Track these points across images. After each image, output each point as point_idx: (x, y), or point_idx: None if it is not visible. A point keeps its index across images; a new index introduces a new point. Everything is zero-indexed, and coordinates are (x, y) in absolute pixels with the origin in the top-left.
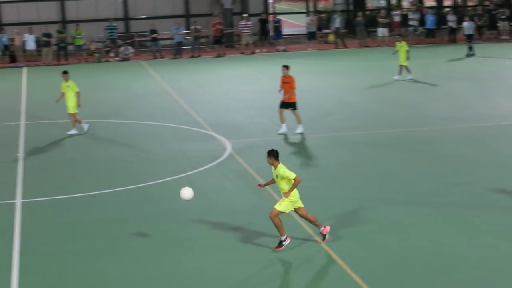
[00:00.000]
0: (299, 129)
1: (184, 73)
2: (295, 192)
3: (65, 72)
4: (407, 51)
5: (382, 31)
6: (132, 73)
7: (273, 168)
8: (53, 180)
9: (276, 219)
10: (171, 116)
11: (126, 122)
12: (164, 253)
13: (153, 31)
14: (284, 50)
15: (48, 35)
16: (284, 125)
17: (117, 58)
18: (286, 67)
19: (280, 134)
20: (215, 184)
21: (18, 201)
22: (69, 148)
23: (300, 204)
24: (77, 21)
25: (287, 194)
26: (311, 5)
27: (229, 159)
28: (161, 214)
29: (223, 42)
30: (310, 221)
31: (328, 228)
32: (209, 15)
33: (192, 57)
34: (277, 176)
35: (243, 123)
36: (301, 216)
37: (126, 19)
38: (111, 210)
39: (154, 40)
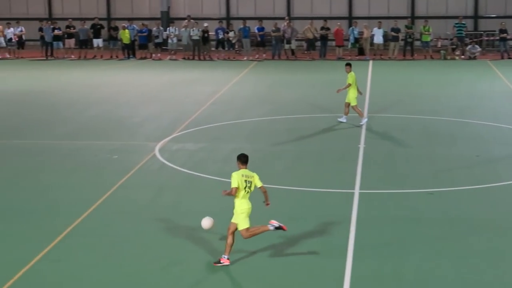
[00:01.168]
0: None
1: None
2: (243, 207)
3: (347, 64)
4: None
5: None
6: (477, 73)
7: None
8: (390, 173)
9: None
10: None
11: (469, 122)
12: None
13: (503, 31)
14: None
15: (396, 30)
16: None
17: (463, 57)
18: None
19: None
20: None
21: (356, 191)
22: (408, 142)
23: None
24: (426, 17)
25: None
26: None
27: None
28: (503, 217)
29: None
30: (227, 243)
31: (227, 262)
32: None
33: None
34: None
35: None
36: (228, 231)
37: (476, 17)
38: (448, 208)
39: (503, 40)
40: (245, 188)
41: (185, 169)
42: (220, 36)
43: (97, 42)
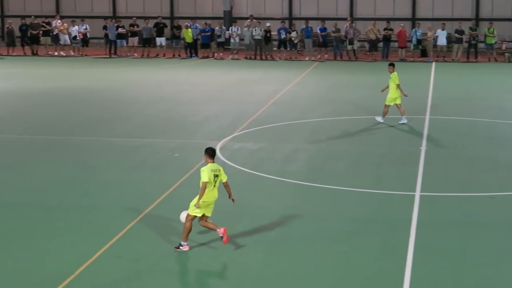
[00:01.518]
0: None
1: None
2: (207, 199)
3: (390, 65)
4: None
5: None
6: None
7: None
8: (452, 176)
9: (188, 223)
10: None
11: None
12: None
13: None
14: None
15: (460, 32)
16: None
17: None
18: None
19: None
20: None
21: (417, 193)
22: (471, 145)
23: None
24: (490, 19)
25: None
26: None
27: None
28: None
29: None
30: (210, 228)
31: (222, 229)
32: None
33: None
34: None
35: None
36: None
37: None
38: (510, 213)
39: None
40: (214, 181)
41: (246, 169)
42: (282, 36)
43: (160, 40)
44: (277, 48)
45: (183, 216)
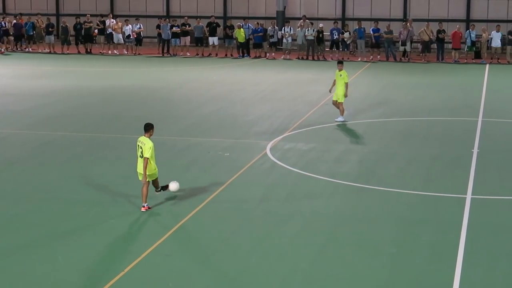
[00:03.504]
0: None
1: None
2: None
3: (340, 62)
4: None
5: None
6: None
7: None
8: (504, 179)
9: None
10: None
11: None
12: None
13: None
14: None
15: None
16: None
17: None
18: None
19: None
20: None
21: (468, 196)
22: None
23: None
24: None
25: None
26: None
27: None
28: None
29: None
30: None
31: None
32: None
33: None
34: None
35: None
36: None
37: None
38: None
39: None
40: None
41: (296, 169)
42: (335, 37)
43: (213, 40)
44: (329, 49)
45: (173, 187)
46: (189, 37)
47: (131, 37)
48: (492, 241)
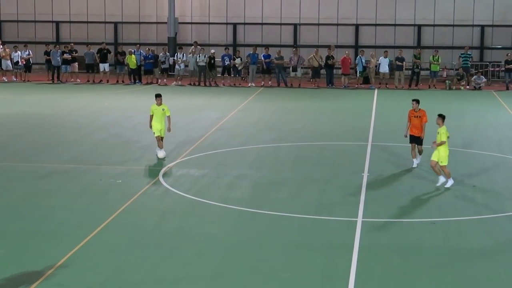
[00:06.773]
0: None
1: None
2: None
3: (158, 96)
4: None
5: None
6: (483, 103)
7: None
8: (393, 202)
9: None
10: None
11: (474, 152)
12: None
13: (509, 62)
14: None
15: (401, 59)
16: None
17: (468, 87)
18: None
19: None
20: None
21: (359, 219)
22: (408, 173)
23: None
24: (431, 47)
25: None
26: None
27: None
28: (503, 247)
29: None
30: None
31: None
32: None
33: None
34: None
35: None
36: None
37: (482, 48)
38: (449, 238)
39: (509, 71)
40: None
41: (189, 195)
42: (226, 63)
43: (104, 66)
44: (221, 75)
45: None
46: (76, 63)
47: (20, 63)
48: (382, 263)
